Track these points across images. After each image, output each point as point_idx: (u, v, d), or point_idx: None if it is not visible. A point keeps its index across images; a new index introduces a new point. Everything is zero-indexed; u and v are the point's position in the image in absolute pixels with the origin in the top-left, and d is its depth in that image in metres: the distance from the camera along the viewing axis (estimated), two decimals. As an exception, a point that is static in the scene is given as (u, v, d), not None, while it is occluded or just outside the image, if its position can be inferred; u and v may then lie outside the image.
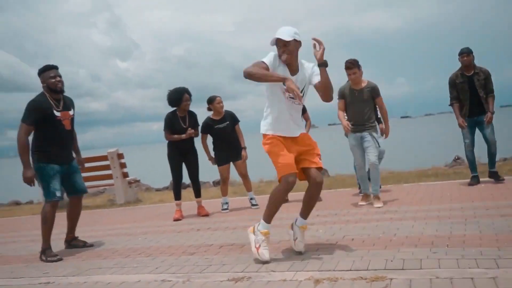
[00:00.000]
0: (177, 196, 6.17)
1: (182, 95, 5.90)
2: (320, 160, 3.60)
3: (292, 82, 3.29)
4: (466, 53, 6.00)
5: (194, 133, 6.00)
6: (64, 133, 4.59)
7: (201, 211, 6.17)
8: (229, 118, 6.26)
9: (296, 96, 3.27)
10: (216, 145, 6.29)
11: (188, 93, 5.97)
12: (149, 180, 13.99)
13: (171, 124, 5.96)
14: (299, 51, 3.54)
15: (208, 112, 6.30)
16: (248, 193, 6.45)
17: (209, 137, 6.31)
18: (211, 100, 6.19)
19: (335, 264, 3.20)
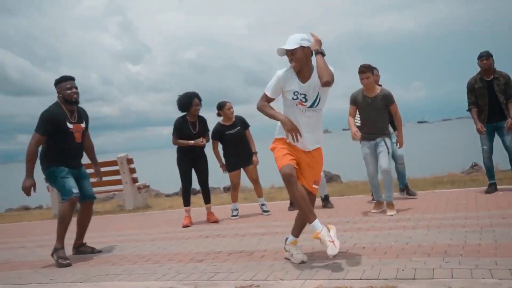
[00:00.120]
0: (186, 202, 6.21)
1: (192, 100, 5.95)
2: (315, 186, 3.67)
3: (289, 124, 3.48)
4: (486, 57, 5.91)
5: (203, 144, 6.00)
6: (74, 145, 4.70)
7: (211, 218, 6.20)
8: (240, 123, 6.29)
9: (294, 138, 3.49)
10: (227, 151, 6.32)
11: (198, 98, 6.01)
12: (159, 186, 14.08)
13: (181, 129, 6.01)
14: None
15: (218, 118, 6.34)
16: (259, 199, 6.46)
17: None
18: (221, 106, 6.23)
19: (345, 273, 3.20)
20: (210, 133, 6.26)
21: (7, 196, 18.01)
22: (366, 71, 5.26)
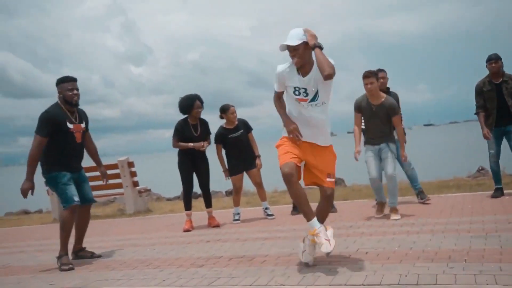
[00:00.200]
0: (188, 206, 6.22)
1: (194, 102, 5.97)
2: (330, 179, 3.64)
3: (288, 125, 3.59)
4: (495, 60, 5.87)
5: (203, 149, 6.01)
6: (75, 146, 4.73)
7: (212, 222, 6.21)
8: (243, 127, 6.31)
9: (295, 137, 3.55)
10: (230, 155, 6.33)
11: (200, 100, 6.03)
12: (161, 189, 14.09)
13: (182, 132, 6.02)
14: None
15: (220, 120, 6.35)
16: (263, 203, 6.46)
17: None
18: (225, 110, 6.24)
19: (347, 278, 3.21)
20: (213, 137, 6.28)
21: (7, 200, 18.07)
22: (371, 76, 5.22)
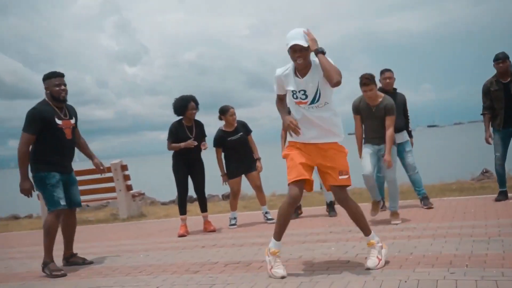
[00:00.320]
0: (182, 211, 6.23)
1: (188, 103, 5.97)
2: (343, 176, 3.63)
3: (288, 121, 3.57)
4: (502, 59, 5.88)
5: (204, 148, 6.01)
6: (65, 142, 4.70)
7: (208, 227, 6.22)
8: (242, 129, 6.33)
9: (294, 132, 3.55)
10: (229, 158, 6.35)
11: (195, 101, 6.04)
12: (155, 193, 14.10)
13: (176, 134, 6.03)
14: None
15: (219, 122, 6.36)
16: (262, 207, 6.48)
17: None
18: (224, 111, 6.25)
19: (346, 284, 3.23)
20: (210, 140, 6.30)
21: (-4, 204, 18.06)
22: (370, 83, 5.13)
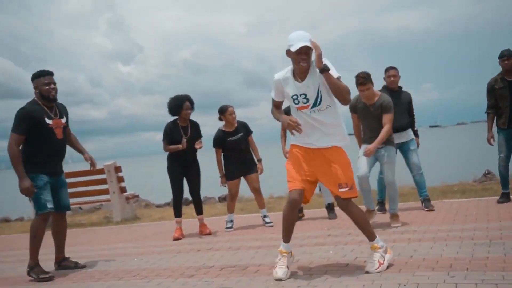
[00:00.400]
0: (178, 213, 6.23)
1: (183, 103, 5.98)
2: (343, 189, 3.65)
3: (284, 123, 3.61)
4: (507, 56, 5.89)
5: (199, 146, 6.00)
6: (56, 142, 4.71)
7: (203, 230, 6.23)
8: (242, 130, 6.33)
9: (296, 130, 3.55)
10: (228, 159, 6.35)
11: (190, 101, 6.05)
12: (150, 195, 14.10)
13: (171, 134, 6.04)
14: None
15: (219, 122, 6.36)
16: (261, 211, 6.48)
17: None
18: (223, 111, 6.25)
19: (344, 289, 3.24)
20: (211, 141, 6.30)
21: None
22: (366, 82, 5.13)
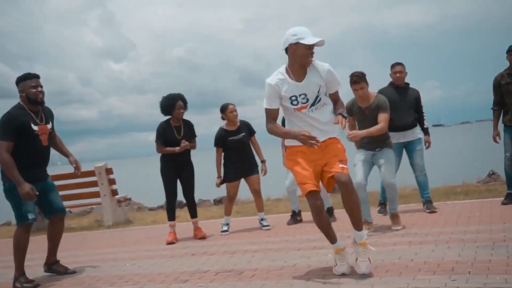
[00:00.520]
0: (171, 217, 6.25)
1: (176, 102, 5.99)
2: (343, 164, 3.69)
3: (300, 135, 3.52)
4: None
5: (191, 146, 6.07)
6: (40, 150, 4.67)
7: (198, 233, 6.25)
8: (245, 129, 6.36)
9: (314, 141, 3.50)
10: (228, 159, 6.37)
11: (183, 100, 6.06)
12: (142, 198, 14.09)
13: (164, 135, 6.06)
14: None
15: (220, 122, 6.40)
16: (259, 214, 6.50)
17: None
18: (224, 109, 6.28)
19: (342, 293, 3.27)
20: (198, 140, 6.32)
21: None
22: (360, 81, 5.10)
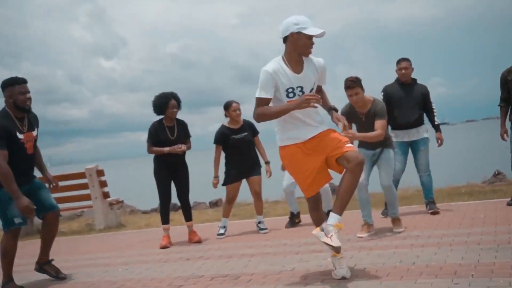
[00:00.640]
0: (165, 220, 6.26)
1: (168, 101, 5.99)
2: (349, 144, 3.73)
3: (299, 103, 3.54)
4: None
5: (181, 150, 6.01)
6: (24, 158, 4.60)
7: (193, 237, 6.26)
8: (248, 129, 6.38)
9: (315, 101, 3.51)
10: (230, 159, 6.40)
11: (176, 99, 6.07)
12: (135, 201, 14.13)
13: (156, 135, 6.07)
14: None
15: (223, 119, 6.42)
16: (257, 217, 6.52)
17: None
18: (227, 107, 6.30)
19: (341, 298, 3.30)
20: (191, 138, 6.34)
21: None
22: (355, 86, 5.01)
